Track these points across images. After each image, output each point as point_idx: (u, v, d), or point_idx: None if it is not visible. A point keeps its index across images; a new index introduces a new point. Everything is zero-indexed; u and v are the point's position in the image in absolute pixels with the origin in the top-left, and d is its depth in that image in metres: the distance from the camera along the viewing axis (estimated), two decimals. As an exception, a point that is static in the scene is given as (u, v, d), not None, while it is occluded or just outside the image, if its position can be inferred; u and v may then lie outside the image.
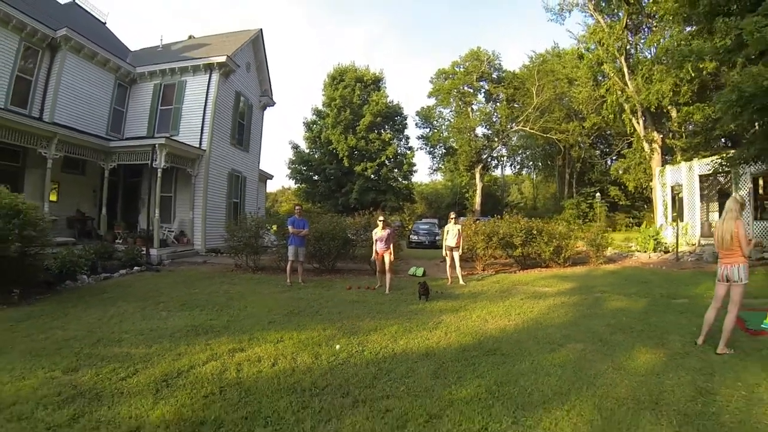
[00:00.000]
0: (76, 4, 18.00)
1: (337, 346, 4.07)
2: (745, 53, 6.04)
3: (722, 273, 4.24)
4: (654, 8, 10.59)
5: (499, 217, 11.42)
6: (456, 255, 8.36)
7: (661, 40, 18.71)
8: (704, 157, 18.50)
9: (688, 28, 10.87)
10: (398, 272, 9.45)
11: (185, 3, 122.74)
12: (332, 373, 3.44)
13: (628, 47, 23.02)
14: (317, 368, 3.56)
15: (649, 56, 22.44)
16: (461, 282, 8.24)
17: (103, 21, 19.58)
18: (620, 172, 32.59)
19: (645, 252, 13.57)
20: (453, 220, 8.57)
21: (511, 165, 42.57)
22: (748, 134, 6.23)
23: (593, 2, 24.03)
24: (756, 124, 6.05)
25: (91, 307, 6.15)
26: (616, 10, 22.64)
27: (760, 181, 16.60)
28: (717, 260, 4.41)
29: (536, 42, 79.84)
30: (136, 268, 10.31)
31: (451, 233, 8.42)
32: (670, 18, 10.32)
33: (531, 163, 41.54)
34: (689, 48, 6.99)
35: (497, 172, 43.89)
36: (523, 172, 43.69)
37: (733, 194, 4.56)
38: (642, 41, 23.21)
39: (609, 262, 11.62)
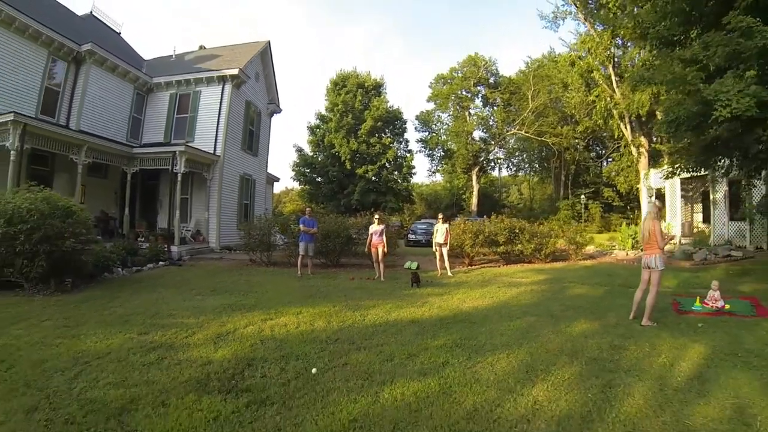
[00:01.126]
0: (93, 15, 19.21)
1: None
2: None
3: (644, 262, 5.40)
4: (620, 31, 11.62)
5: (486, 217, 12.59)
6: (444, 250, 9.58)
7: (639, 54, 19.83)
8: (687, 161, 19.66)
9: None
10: (395, 266, 10.65)
11: (185, 2, 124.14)
12: (341, 332, 4.64)
13: (615, 57, 24.18)
14: (330, 329, 4.77)
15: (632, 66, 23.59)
16: (449, 273, 9.45)
17: (118, 31, 20.78)
18: (612, 174, 33.75)
19: (623, 250, 14.71)
20: (441, 220, 9.81)
21: (507, 167, 43.82)
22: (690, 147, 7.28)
23: (584, 13, 25.20)
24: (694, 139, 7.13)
25: (136, 293, 7.36)
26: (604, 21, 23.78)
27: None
28: (686, 257, 5.55)
29: (536, 41, 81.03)
30: (160, 263, 11.52)
31: (439, 231, 9.64)
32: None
33: (527, 165, 42.75)
34: (639, 74, 8.13)
35: (495, 174, 45.11)
36: (520, 174, 44.88)
37: (653, 200, 5.70)
38: (629, 50, 24.34)
39: (588, 259, 12.79)
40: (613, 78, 23.97)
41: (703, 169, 7.92)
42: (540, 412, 2.85)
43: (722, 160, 7.40)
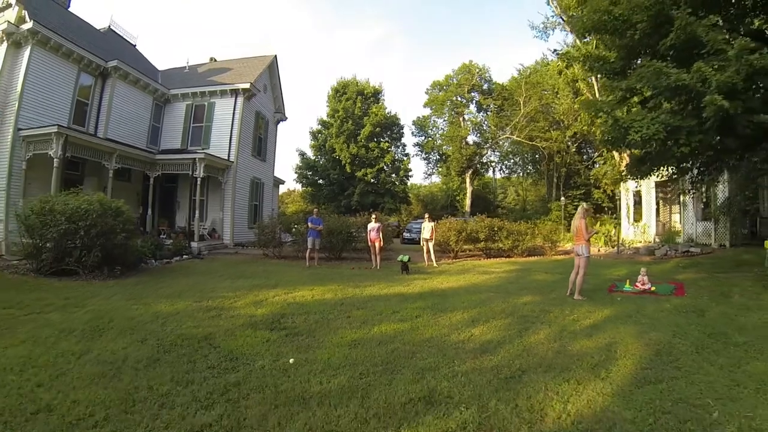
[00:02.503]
0: (112, 30, 20.84)
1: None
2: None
3: (574, 250, 7.03)
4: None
5: (468, 217, 14.23)
6: (430, 245, 11.25)
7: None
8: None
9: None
10: (389, 259, 12.30)
11: (185, 1, 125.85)
12: (345, 300, 6.31)
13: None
14: (336, 298, 6.43)
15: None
16: (434, 264, 11.11)
17: (134, 44, 22.41)
18: (600, 176, 35.37)
19: (594, 246, 16.35)
20: (428, 219, 11.50)
21: (500, 170, 45.56)
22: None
23: (570, 24, 26.86)
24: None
25: (175, 278, 8.99)
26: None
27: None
28: (649, 253, 7.11)
29: (533, 44, 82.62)
30: (184, 256, 13.16)
31: (426, 228, 11.32)
32: None
33: (520, 168, 44.48)
34: (588, 101, 9.76)
35: (491, 176, 46.78)
36: (513, 176, 46.60)
37: (582, 204, 7.29)
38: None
39: (561, 254, 14.43)
40: (596, 86, 25.62)
41: (641, 175, 9.50)
42: (472, 339, 4.49)
43: (658, 169, 9.00)
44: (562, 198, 32.43)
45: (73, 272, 9.08)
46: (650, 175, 9.44)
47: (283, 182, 24.22)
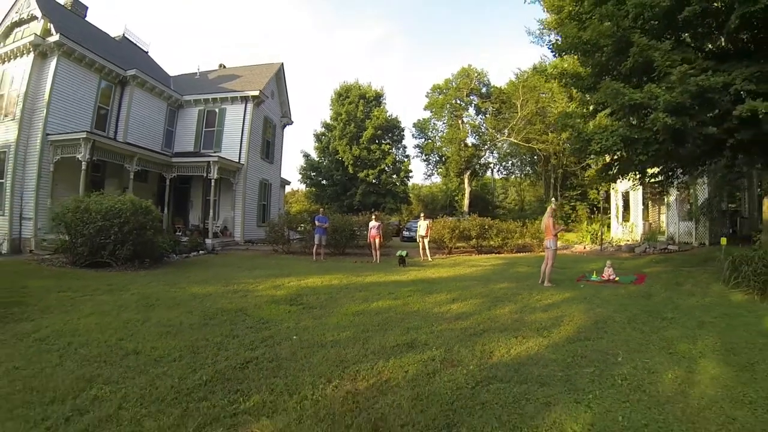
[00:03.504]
0: (126, 38, 22.04)
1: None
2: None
3: (544, 244, 8.18)
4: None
5: (465, 216, 15.39)
6: (426, 241, 12.43)
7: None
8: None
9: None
10: (389, 255, 13.47)
11: (186, 1, 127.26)
12: (349, 285, 7.49)
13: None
14: (342, 284, 7.61)
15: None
16: (429, 259, 12.28)
17: (146, 50, 23.60)
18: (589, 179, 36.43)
19: (581, 244, 17.48)
20: (423, 218, 12.69)
21: (498, 171, 46.76)
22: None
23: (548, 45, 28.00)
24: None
25: (198, 269, 10.17)
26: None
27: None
28: (629, 250, 8.23)
29: (529, 46, 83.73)
30: (201, 251, 14.35)
31: (422, 226, 12.51)
32: None
33: (518, 169, 45.66)
34: (563, 113, 10.92)
35: (490, 176, 47.92)
36: (512, 177, 47.77)
37: (551, 203, 8.46)
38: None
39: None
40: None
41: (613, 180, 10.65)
42: (450, 311, 5.66)
43: (626, 175, 10.13)
44: (553, 199, 33.42)
45: (107, 264, 10.25)
46: (618, 180, 10.56)
47: (288, 183, 25.45)
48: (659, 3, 8.13)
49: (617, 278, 8.96)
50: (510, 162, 44.46)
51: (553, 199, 9.03)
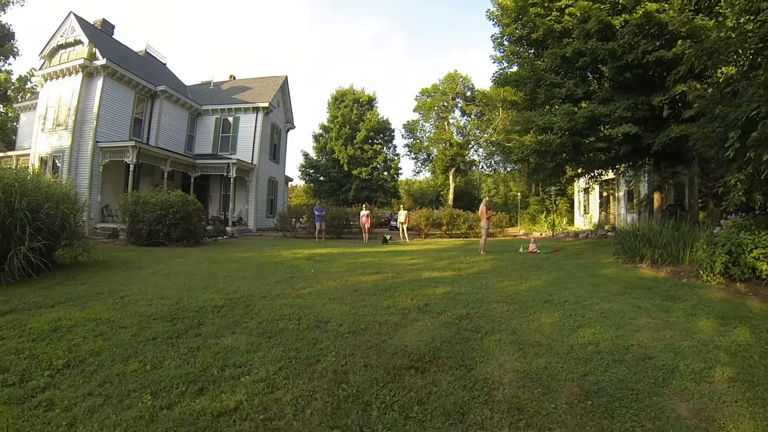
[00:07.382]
0: (148, 53, 25.21)
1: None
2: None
3: (480, 224, 11.68)
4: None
5: (436, 209, 18.90)
6: (404, 227, 15.92)
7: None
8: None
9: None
10: (375, 238, 16.95)
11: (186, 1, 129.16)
12: (344, 253, 10.98)
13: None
14: (339, 252, 11.09)
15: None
16: (407, 241, 15.78)
17: (164, 62, 26.76)
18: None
19: (538, 232, 21.04)
20: (402, 208, 16.20)
21: (482, 168, 50.41)
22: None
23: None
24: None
25: (232, 247, 13.58)
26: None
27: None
28: (575, 236, 11.69)
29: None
30: (224, 237, 17.75)
31: (401, 215, 16.01)
32: None
33: (501, 166, 49.25)
34: (505, 129, 14.45)
35: (476, 172, 51.48)
36: (496, 173, 51.40)
37: (486, 197, 11.94)
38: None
39: (509, 236, 19.09)
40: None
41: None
42: (410, 263, 9.16)
43: (549, 178, 13.68)
44: (486, 198, 36.68)
45: (161, 243, 13.60)
46: (544, 182, 14.06)
47: (291, 180, 28.82)
48: (562, 53, 11.62)
49: (538, 251, 12.44)
50: (493, 160, 48.00)
51: (486, 198, 11.47)
